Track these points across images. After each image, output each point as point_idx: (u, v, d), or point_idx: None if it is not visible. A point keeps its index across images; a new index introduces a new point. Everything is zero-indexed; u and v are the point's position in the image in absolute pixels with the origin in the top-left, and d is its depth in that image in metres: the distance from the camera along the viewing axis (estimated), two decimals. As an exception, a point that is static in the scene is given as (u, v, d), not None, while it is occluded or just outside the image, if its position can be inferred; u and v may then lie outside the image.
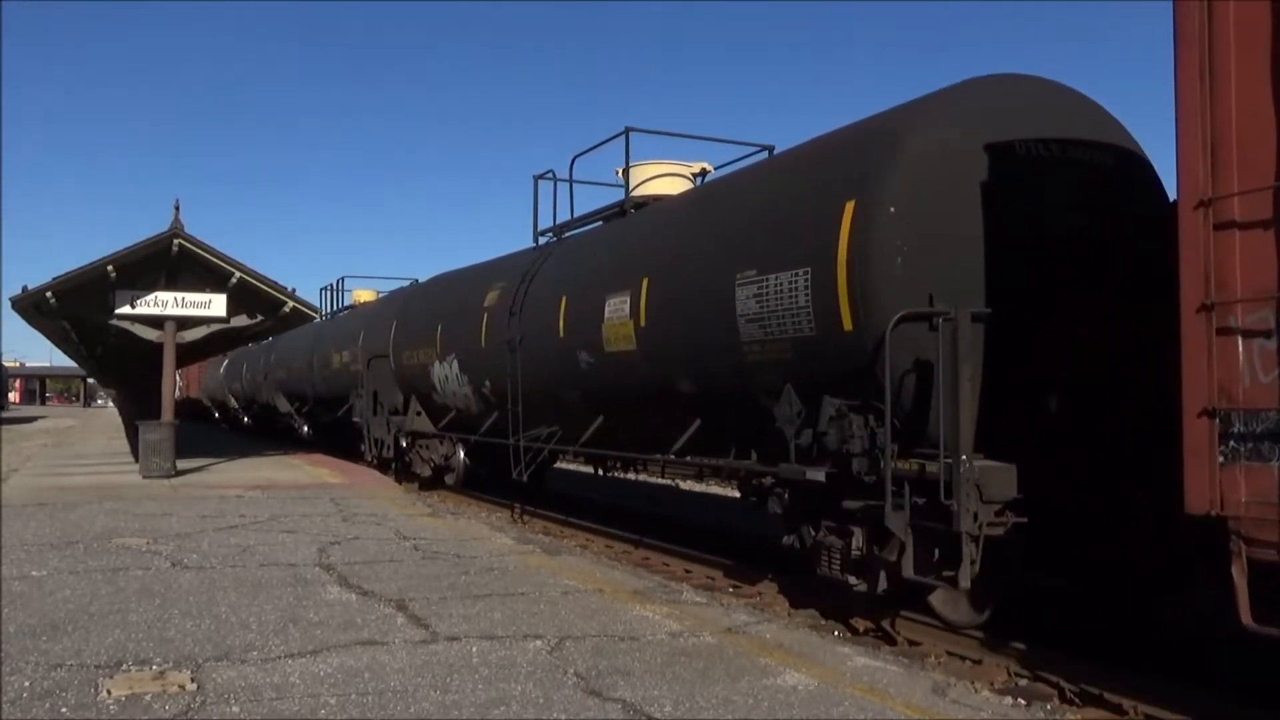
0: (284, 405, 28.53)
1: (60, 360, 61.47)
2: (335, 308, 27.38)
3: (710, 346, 8.43)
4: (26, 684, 5.48)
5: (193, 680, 5.58)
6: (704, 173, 11.46)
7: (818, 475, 7.22)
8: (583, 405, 11.00)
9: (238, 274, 19.26)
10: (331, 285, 28.23)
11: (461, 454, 15.48)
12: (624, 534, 11.98)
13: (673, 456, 9.58)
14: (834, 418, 7.09)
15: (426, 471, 16.43)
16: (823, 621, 7.99)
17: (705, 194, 10.04)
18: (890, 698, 5.47)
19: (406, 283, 22.31)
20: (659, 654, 6.28)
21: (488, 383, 13.24)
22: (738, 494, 15.22)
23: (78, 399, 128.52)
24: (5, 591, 7.90)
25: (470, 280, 14.95)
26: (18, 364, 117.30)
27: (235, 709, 5.09)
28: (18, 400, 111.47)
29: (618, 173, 11.91)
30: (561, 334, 10.95)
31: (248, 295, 19.91)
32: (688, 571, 9.98)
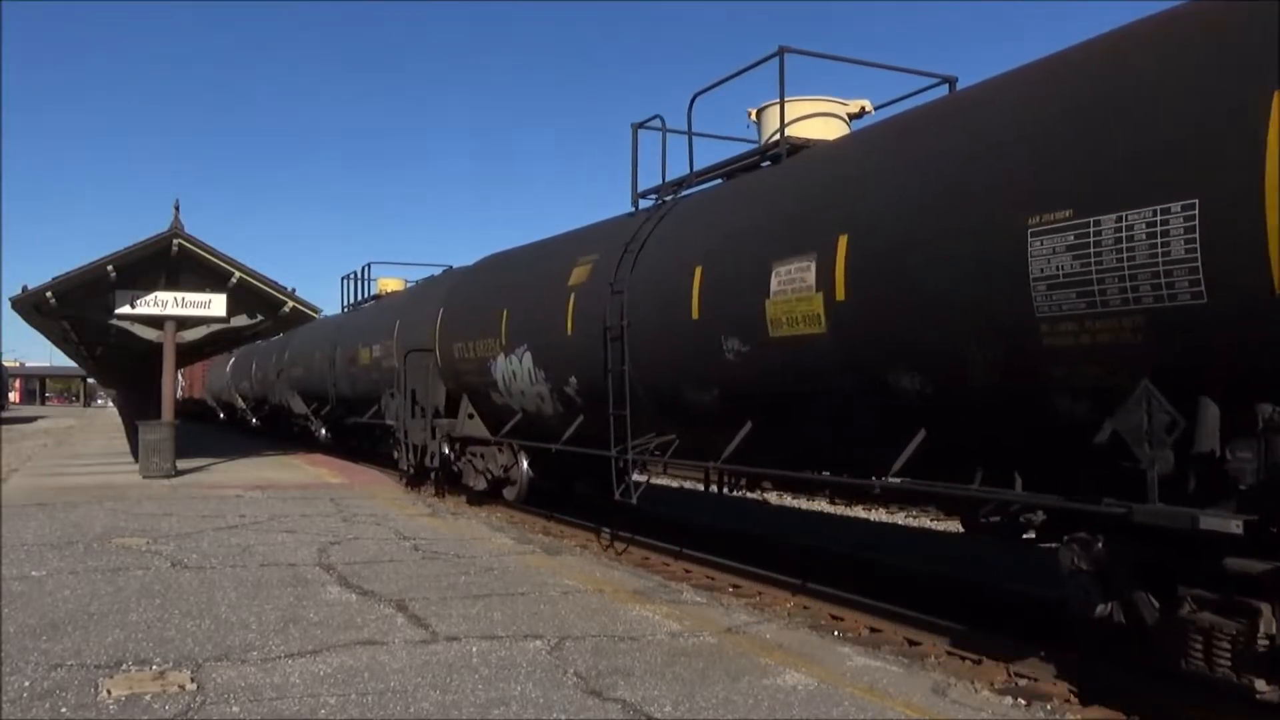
0: (300, 406, 26.24)
1: (60, 360, 61.41)
2: (358, 298, 24.82)
3: (964, 326, 6.00)
4: (26, 684, 5.48)
5: (193, 680, 5.58)
6: (863, 112, 9.45)
7: (1227, 525, 4.65)
8: (721, 408, 8.68)
9: (238, 274, 19.25)
10: (355, 274, 25.17)
11: (525, 464, 13.26)
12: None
13: (895, 481, 6.78)
14: (1261, 431, 4.56)
15: (480, 484, 14.32)
16: (823, 621, 8.00)
17: (938, 114, 7.20)
18: (890, 698, 5.47)
19: (439, 270, 20.02)
20: (659, 654, 6.28)
21: (573, 380, 10.99)
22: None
23: (78, 399, 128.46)
24: (5, 591, 7.90)
25: (547, 255, 12.49)
26: (18, 364, 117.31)
27: (235, 709, 5.09)
28: (18, 400, 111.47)
29: (751, 115, 9.73)
30: (696, 315, 8.59)
31: (248, 295, 19.90)
32: (688, 571, 9.98)
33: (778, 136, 8.97)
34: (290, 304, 20.02)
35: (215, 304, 19.52)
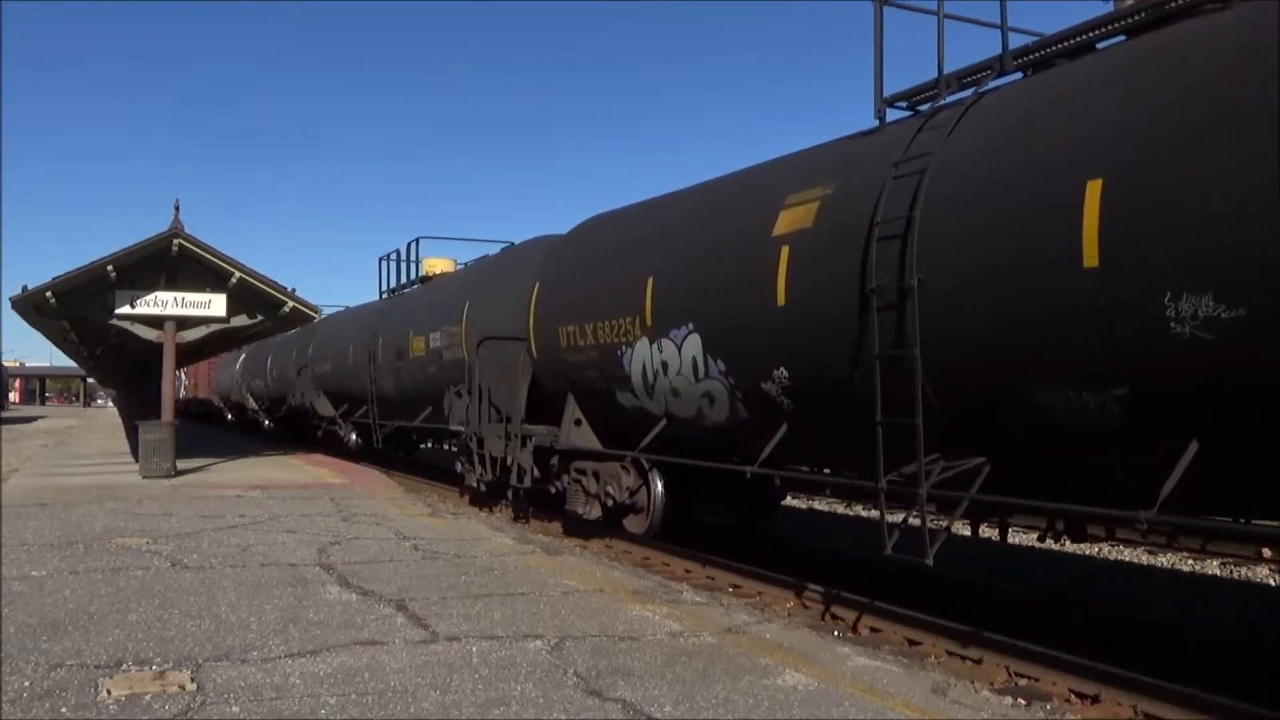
0: (326, 408, 23.28)
1: (60, 360, 61.45)
2: (401, 281, 21.50)
3: None
4: (26, 684, 5.48)
5: (193, 680, 5.58)
6: None
7: None
8: (1128, 419, 5.52)
9: (237, 274, 19.25)
10: (397, 253, 21.72)
11: (659, 487, 10.58)
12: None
13: None
14: None
15: (593, 512, 11.43)
16: (823, 621, 8.00)
17: None
18: (890, 698, 5.47)
19: (498, 247, 17.33)
20: (659, 654, 6.28)
21: (781, 372, 7.95)
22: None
23: (78, 399, 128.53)
24: (5, 591, 7.90)
25: (727, 197, 9.34)
26: (18, 364, 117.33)
27: (235, 709, 5.09)
28: (18, 400, 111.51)
29: None
30: (1093, 260, 5.45)
31: (247, 295, 19.90)
32: (688, 571, 9.97)
33: None
34: (290, 304, 20.02)
35: (215, 304, 19.52)
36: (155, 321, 19.31)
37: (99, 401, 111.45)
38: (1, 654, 6.04)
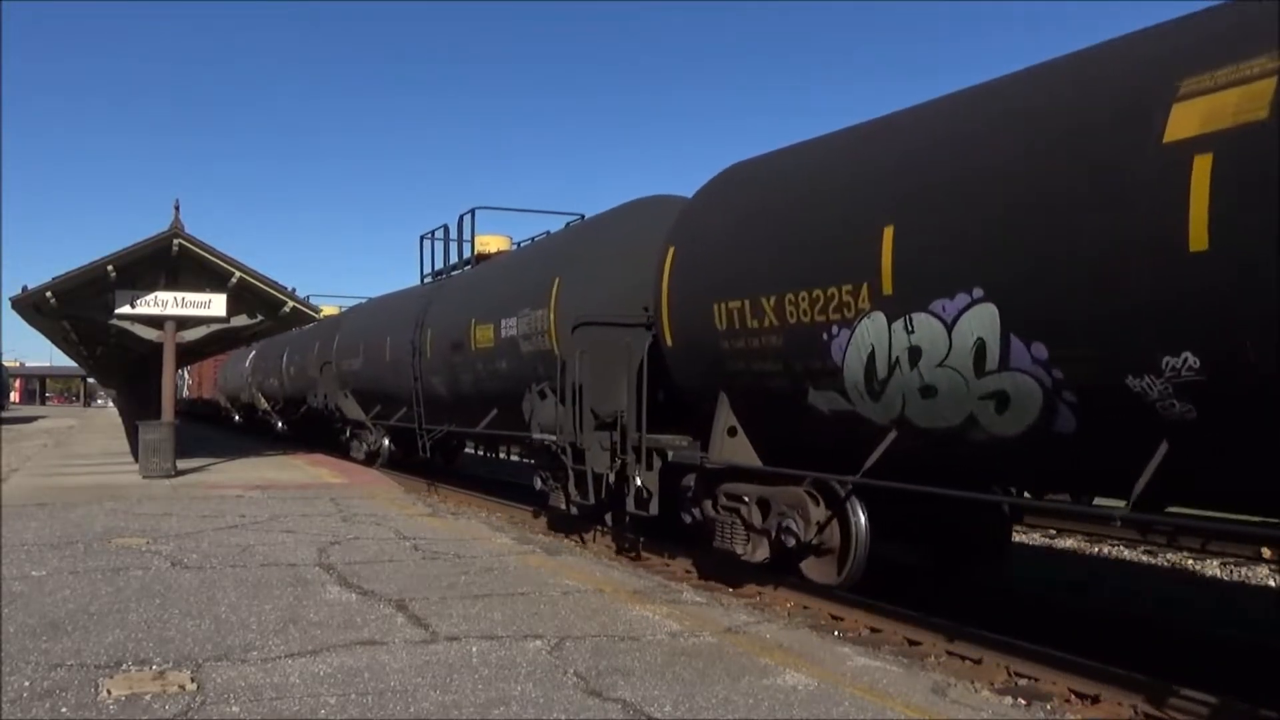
0: (354, 410, 20.79)
1: (60, 360, 61.48)
2: (450, 262, 18.60)
3: None
4: (26, 684, 5.48)
5: (193, 680, 5.58)
6: None
7: None
8: None
9: (238, 274, 19.25)
10: (445, 230, 18.62)
11: (862, 521, 7.62)
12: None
13: None
14: None
15: (759, 552, 8.45)
16: (823, 621, 7.99)
17: None
18: (890, 698, 5.47)
19: (570, 220, 15.24)
20: (659, 654, 6.28)
21: (1179, 361, 5.11)
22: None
23: (78, 399, 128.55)
24: (5, 591, 7.90)
25: (1049, 90, 6.23)
26: (18, 364, 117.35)
27: (235, 709, 5.09)
28: (18, 400, 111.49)
29: None
30: None
31: (248, 295, 19.91)
32: (688, 572, 9.96)
33: None
34: (290, 304, 20.03)
35: (215, 304, 19.52)
36: (155, 321, 19.31)
37: (99, 401, 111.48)
38: (1, 654, 6.04)
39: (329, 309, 29.84)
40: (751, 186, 8.93)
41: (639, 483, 9.95)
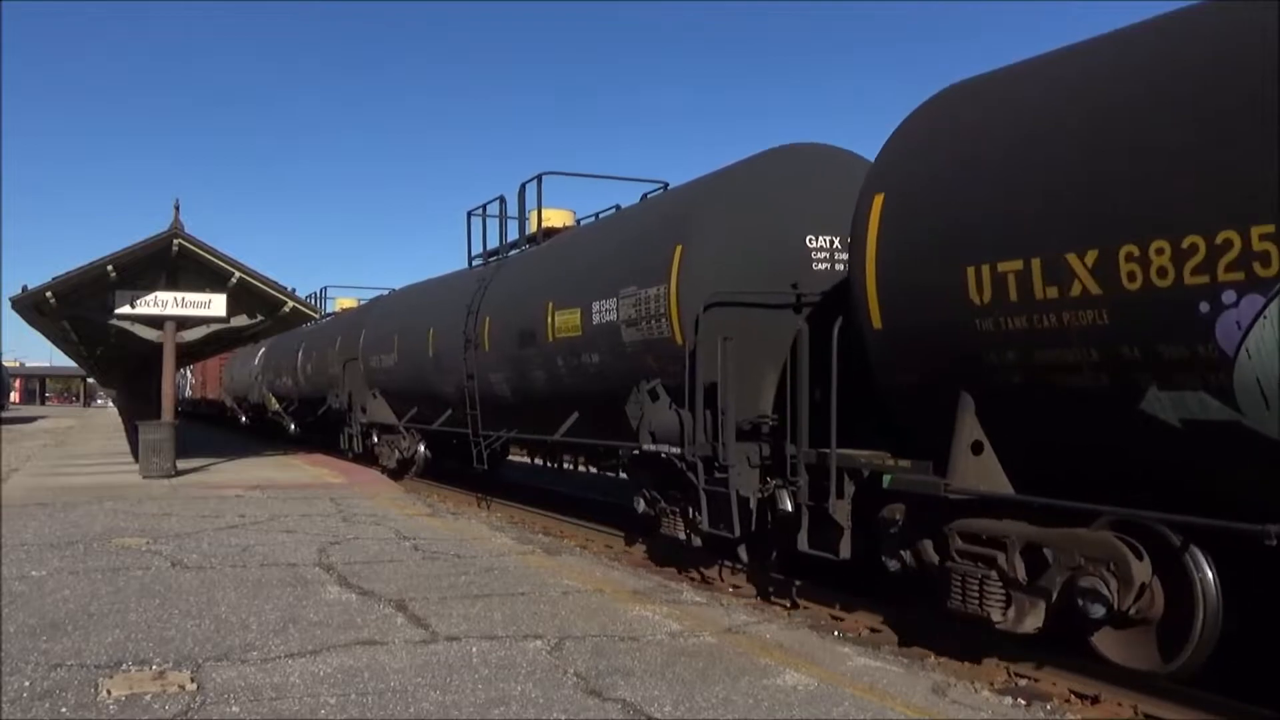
0: (383, 413, 18.41)
1: (60, 360, 61.40)
2: (509, 240, 15.35)
3: None
4: (26, 684, 5.48)
5: (193, 680, 5.58)
6: None
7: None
8: None
9: (237, 274, 19.26)
10: (501, 202, 15.46)
11: (1210, 579, 5.19)
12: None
13: None
14: None
15: (1028, 620, 5.97)
16: (823, 621, 7.99)
17: None
18: (890, 698, 5.47)
19: (641, 193, 12.52)
20: (659, 654, 6.28)
21: None
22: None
23: (78, 399, 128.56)
24: (5, 591, 7.90)
25: None
26: (18, 364, 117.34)
27: (235, 709, 5.09)
28: (18, 400, 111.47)
29: None
30: None
31: (247, 295, 19.91)
32: (688, 573, 9.96)
33: None
34: (290, 304, 20.04)
35: (215, 304, 19.53)
36: (155, 321, 19.32)
37: (99, 401, 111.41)
38: (1, 654, 6.04)
39: (347, 301, 27.65)
40: (1022, 96, 6.24)
41: (833, 515, 7.36)
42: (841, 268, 8.57)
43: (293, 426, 27.54)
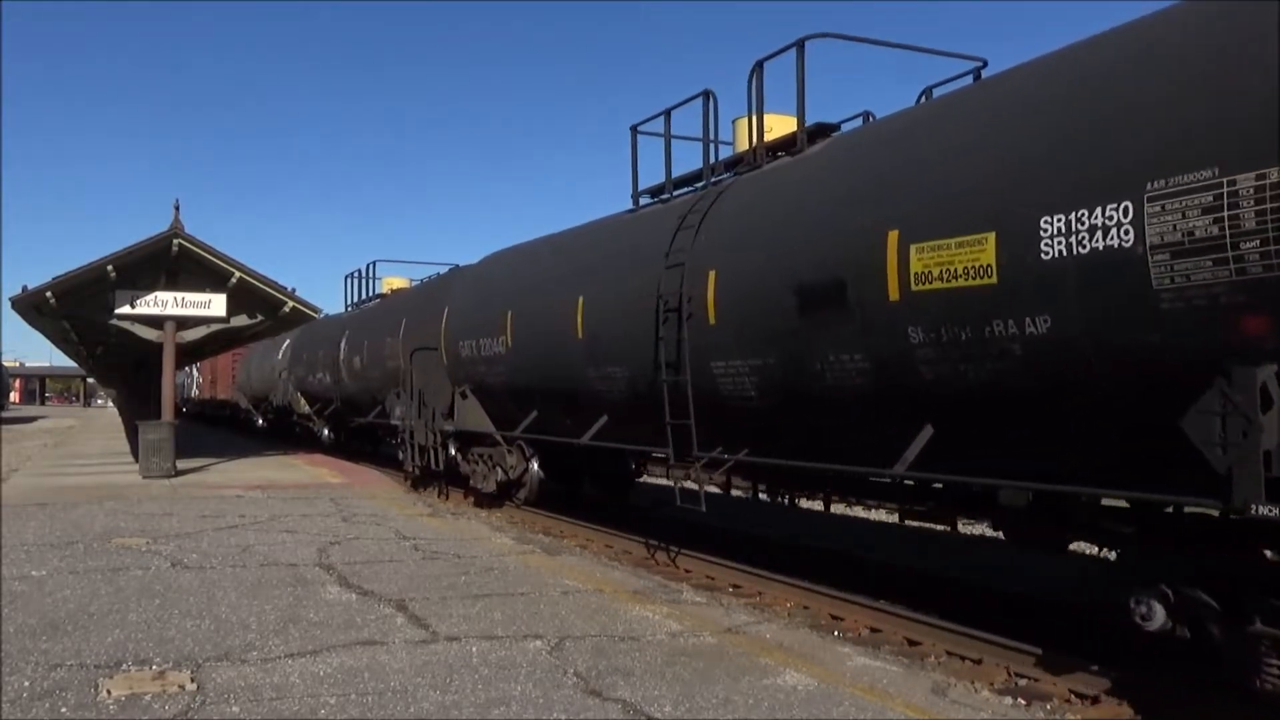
0: (476, 418, 13.78)
1: (60, 360, 61.39)
2: (716, 161, 9.82)
3: None
4: (26, 684, 5.48)
5: (193, 680, 5.58)
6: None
7: None
8: None
9: (237, 274, 19.27)
10: (665, 117, 10.29)
11: None
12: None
13: None
14: None
15: None
16: (823, 621, 7.99)
17: None
18: (890, 697, 5.47)
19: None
20: (659, 654, 6.28)
21: None
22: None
23: (78, 399, 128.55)
24: (5, 591, 7.90)
25: None
26: (18, 364, 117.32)
27: (235, 709, 5.09)
28: (18, 400, 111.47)
29: None
30: None
31: (248, 295, 19.93)
32: (688, 571, 9.96)
33: None
34: (290, 304, 20.04)
35: (215, 304, 19.54)
36: (155, 321, 19.32)
37: (99, 401, 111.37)
38: (1, 654, 6.04)
39: (397, 281, 22.91)
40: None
41: None
42: None
43: (325, 432, 23.45)
